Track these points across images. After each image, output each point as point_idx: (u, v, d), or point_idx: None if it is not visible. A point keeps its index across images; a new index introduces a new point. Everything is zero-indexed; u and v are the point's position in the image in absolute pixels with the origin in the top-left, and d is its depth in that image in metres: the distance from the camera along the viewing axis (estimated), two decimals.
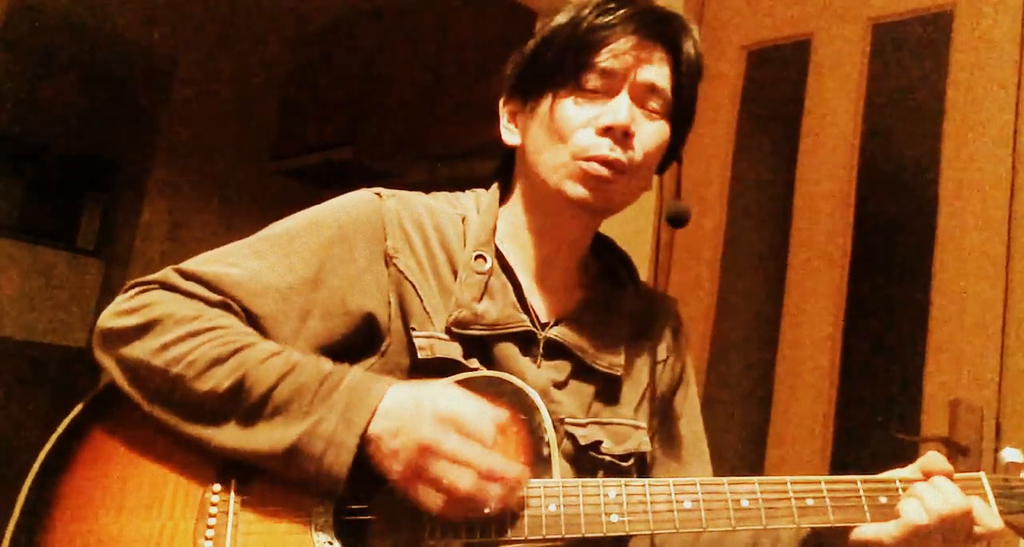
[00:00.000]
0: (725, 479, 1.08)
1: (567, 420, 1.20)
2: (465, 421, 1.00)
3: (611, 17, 1.20)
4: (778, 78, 2.72)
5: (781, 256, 2.47)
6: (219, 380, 1.03)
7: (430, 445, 0.98)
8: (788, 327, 2.42)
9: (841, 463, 2.23)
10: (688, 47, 1.23)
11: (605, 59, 1.19)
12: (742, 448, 2.36)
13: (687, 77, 1.24)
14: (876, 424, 2.24)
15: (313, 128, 4.87)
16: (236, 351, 1.04)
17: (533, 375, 1.18)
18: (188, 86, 4.89)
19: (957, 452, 2.02)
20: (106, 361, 1.10)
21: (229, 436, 1.03)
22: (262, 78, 5.10)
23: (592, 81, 1.20)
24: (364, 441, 1.00)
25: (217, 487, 1.06)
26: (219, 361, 1.04)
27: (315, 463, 0.99)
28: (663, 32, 1.22)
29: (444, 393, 1.03)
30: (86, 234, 5.07)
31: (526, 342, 1.21)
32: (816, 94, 2.50)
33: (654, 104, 1.22)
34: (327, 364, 1.06)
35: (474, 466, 0.98)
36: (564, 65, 1.20)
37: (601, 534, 1.04)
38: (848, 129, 2.41)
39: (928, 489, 1.07)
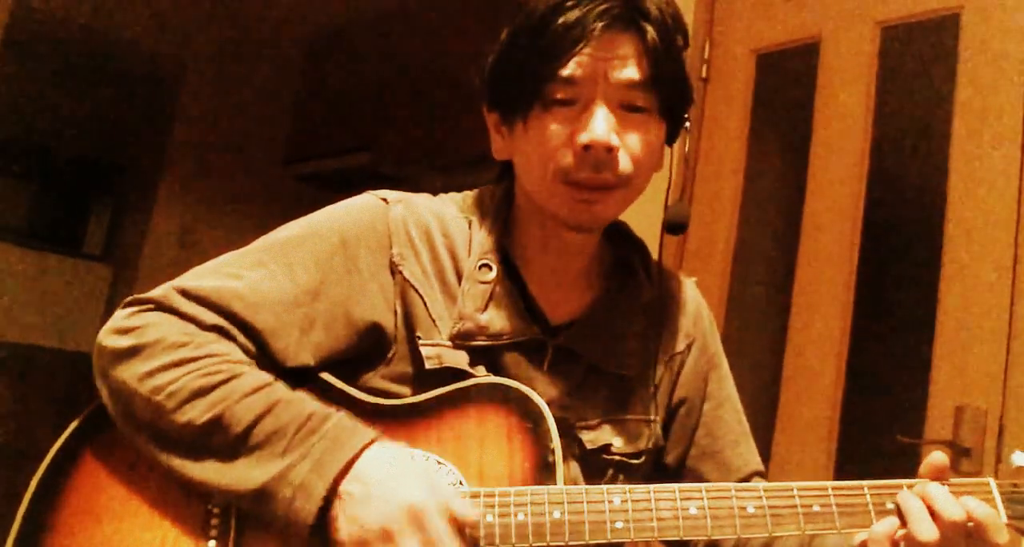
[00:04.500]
0: (731, 485, 1.08)
1: (578, 424, 1.19)
2: (433, 526, 0.96)
3: (567, 18, 1.08)
4: (788, 81, 2.71)
5: (790, 260, 2.47)
6: (198, 413, 1.01)
7: (391, 534, 0.95)
8: (796, 331, 2.42)
9: (846, 467, 2.22)
10: (651, 32, 1.10)
11: (570, 69, 1.09)
12: None
13: (660, 64, 1.11)
14: (881, 428, 2.23)
15: (328, 133, 4.85)
16: (220, 384, 1.03)
17: (542, 384, 1.17)
18: (198, 89, 4.89)
19: (960, 455, 2.02)
20: (98, 380, 1.09)
21: (201, 470, 1.02)
22: (274, 80, 5.09)
23: (561, 92, 1.11)
24: (332, 493, 0.98)
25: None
26: (201, 393, 1.02)
27: (283, 507, 0.98)
28: (627, 21, 1.10)
29: (426, 479, 1.00)
30: (93, 239, 5.08)
31: (534, 350, 1.19)
32: (826, 97, 2.49)
33: (637, 100, 1.12)
34: (310, 405, 1.04)
35: None
36: (528, 84, 1.12)
37: (605, 540, 1.03)
38: (858, 132, 2.40)
39: (915, 508, 1.02)
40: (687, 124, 1.21)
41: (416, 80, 4.34)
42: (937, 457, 1.06)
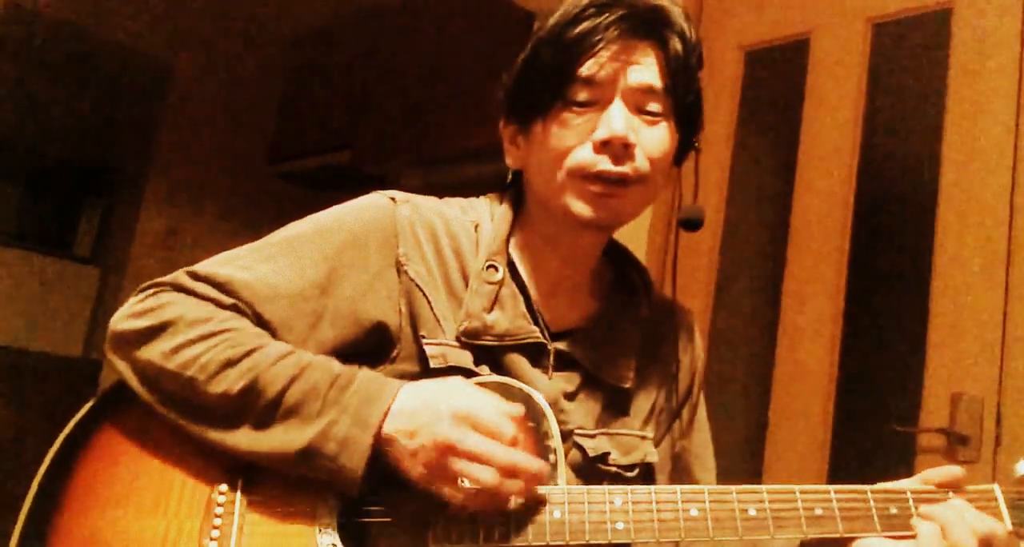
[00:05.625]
0: (733, 487, 1.08)
1: (576, 431, 1.19)
2: (482, 418, 1.01)
3: (587, 23, 1.13)
4: (777, 78, 2.71)
5: (780, 252, 2.47)
6: (231, 383, 1.04)
7: (450, 444, 0.99)
8: (788, 321, 2.43)
9: (841, 456, 2.22)
10: (674, 41, 1.15)
11: (589, 69, 1.13)
12: (741, 443, 2.37)
13: (679, 73, 1.16)
14: (876, 416, 2.23)
15: (310, 132, 4.87)
16: (248, 353, 1.05)
17: (543, 386, 1.17)
18: (184, 90, 4.88)
19: (957, 442, 2.03)
20: (119, 363, 1.10)
21: (243, 438, 1.04)
22: (258, 82, 5.09)
23: (580, 94, 1.14)
24: (380, 441, 1.01)
25: (224, 487, 1.06)
26: (231, 363, 1.04)
27: (330, 463, 1.00)
28: (647, 29, 1.15)
29: (458, 390, 1.05)
30: (83, 241, 5.04)
31: (536, 353, 1.20)
32: (815, 94, 2.50)
33: (653, 106, 1.15)
34: (337, 365, 1.07)
35: (495, 462, 0.99)
36: (549, 85, 1.15)
37: (606, 541, 1.03)
38: (848, 128, 2.41)
39: (952, 517, 1.05)
40: (697, 144, 1.24)
41: (395, 78, 4.35)
42: (952, 470, 1.09)
